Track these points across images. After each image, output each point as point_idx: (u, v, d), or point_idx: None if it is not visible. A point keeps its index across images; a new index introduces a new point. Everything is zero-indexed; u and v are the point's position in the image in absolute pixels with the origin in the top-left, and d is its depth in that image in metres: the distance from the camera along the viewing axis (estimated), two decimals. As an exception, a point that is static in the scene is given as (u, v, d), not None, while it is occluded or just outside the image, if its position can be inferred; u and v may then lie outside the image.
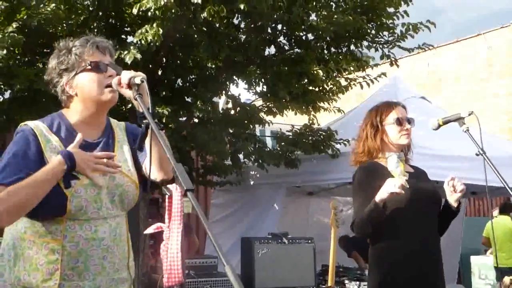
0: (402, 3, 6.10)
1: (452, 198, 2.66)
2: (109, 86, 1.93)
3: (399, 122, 2.77)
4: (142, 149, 1.90)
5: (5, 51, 4.61)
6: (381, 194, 2.54)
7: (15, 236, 1.92)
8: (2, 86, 5.22)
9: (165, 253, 1.56)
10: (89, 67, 1.95)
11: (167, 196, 1.50)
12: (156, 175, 1.98)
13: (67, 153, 1.83)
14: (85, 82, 1.96)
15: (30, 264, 1.87)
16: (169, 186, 1.49)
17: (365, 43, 6.28)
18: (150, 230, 1.55)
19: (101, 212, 1.92)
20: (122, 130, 2.12)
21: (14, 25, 4.62)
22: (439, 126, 2.73)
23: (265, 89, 6.58)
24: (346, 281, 5.64)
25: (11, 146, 1.90)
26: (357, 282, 5.57)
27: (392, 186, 2.50)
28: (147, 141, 1.77)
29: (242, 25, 6.09)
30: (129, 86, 1.80)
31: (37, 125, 1.93)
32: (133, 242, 2.09)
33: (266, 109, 6.82)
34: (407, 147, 2.87)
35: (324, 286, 5.28)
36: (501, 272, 7.54)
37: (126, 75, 1.83)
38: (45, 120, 1.97)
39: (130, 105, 5.24)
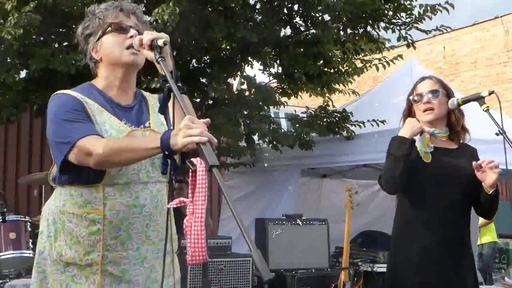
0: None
1: (488, 180, 2.47)
2: (131, 47, 1.89)
3: (419, 97, 2.70)
4: (164, 114, 1.86)
5: (21, 31, 4.61)
6: (404, 130, 2.58)
7: (54, 211, 1.89)
8: (18, 66, 5.23)
9: (189, 229, 1.52)
10: (110, 28, 1.93)
11: (190, 171, 1.47)
12: None
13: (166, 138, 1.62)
14: (106, 44, 1.94)
15: (71, 238, 1.83)
16: (193, 159, 1.45)
17: (382, 24, 6.21)
18: (172, 204, 1.53)
19: (141, 175, 1.88)
20: (156, 99, 2.09)
21: (32, 4, 4.62)
22: (459, 105, 2.65)
23: (280, 71, 6.55)
24: (360, 263, 5.66)
25: (55, 110, 1.86)
26: (371, 264, 5.58)
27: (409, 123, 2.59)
28: (170, 106, 1.69)
29: (258, 6, 6.04)
30: (151, 47, 1.75)
31: (71, 92, 1.92)
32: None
33: (280, 90, 6.79)
34: (455, 120, 2.70)
35: (338, 267, 5.29)
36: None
37: (148, 35, 1.77)
38: (75, 89, 1.96)
39: (145, 85, 5.24)
